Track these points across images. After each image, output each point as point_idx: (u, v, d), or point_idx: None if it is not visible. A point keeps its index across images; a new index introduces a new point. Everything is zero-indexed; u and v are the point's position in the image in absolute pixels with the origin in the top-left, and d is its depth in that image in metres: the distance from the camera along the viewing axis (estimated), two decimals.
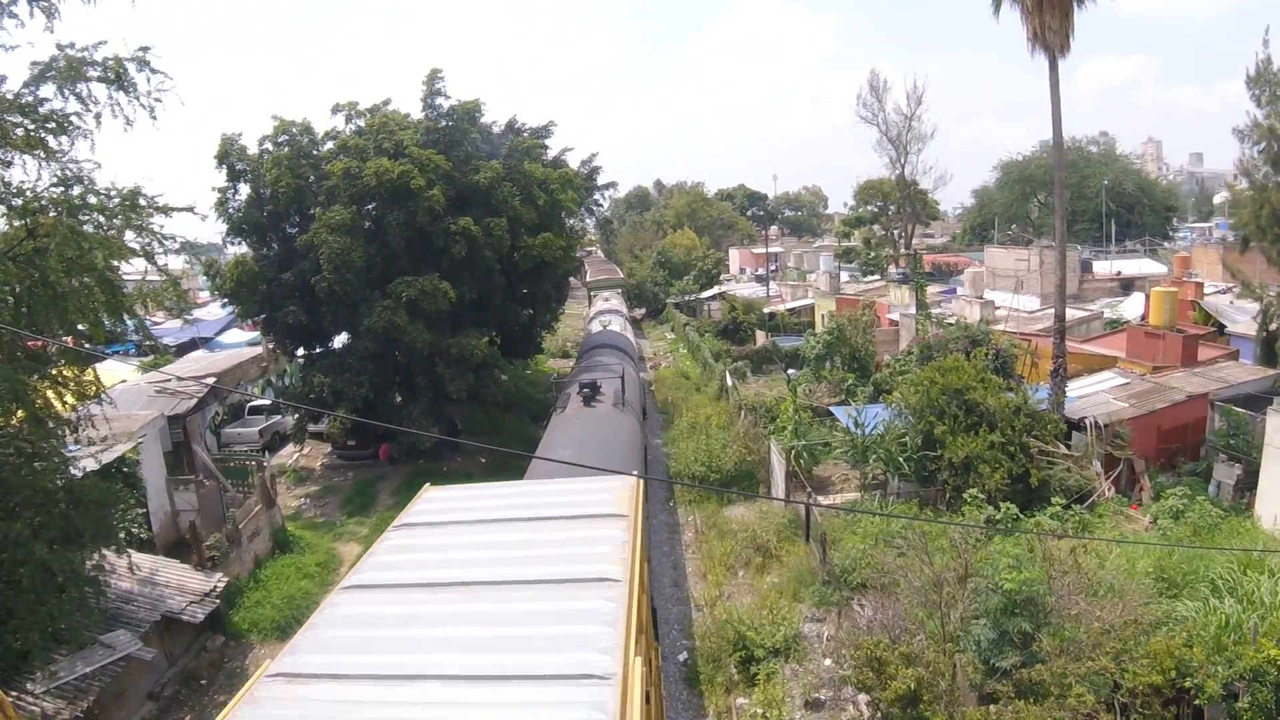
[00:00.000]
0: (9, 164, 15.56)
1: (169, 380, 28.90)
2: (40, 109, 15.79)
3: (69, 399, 16.69)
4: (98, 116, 16.36)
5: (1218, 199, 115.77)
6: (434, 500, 13.86)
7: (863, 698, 16.37)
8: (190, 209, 19.02)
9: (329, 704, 8.13)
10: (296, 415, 37.37)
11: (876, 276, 70.93)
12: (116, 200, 16.74)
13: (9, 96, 15.49)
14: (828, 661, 18.20)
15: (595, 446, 22.75)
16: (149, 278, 18.48)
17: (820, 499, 26.46)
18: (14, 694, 14.97)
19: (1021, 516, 21.37)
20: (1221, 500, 23.17)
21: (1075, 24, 26.69)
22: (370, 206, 34.51)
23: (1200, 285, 45.53)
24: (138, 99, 16.68)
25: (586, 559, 10.65)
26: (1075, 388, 28.80)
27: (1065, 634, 14.37)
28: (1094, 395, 28.24)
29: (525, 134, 40.40)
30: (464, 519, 12.93)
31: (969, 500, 21.26)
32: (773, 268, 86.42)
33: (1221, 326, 38.85)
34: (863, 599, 19.23)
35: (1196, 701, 13.19)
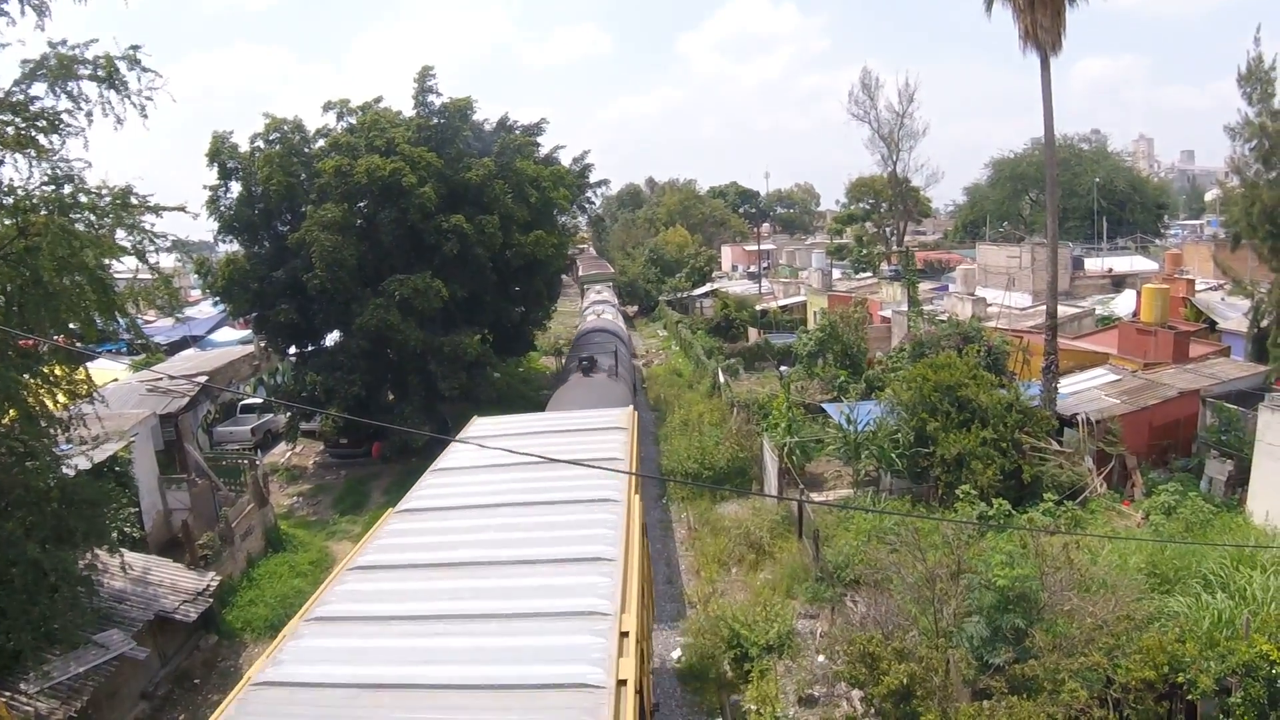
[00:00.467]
0: (0, 162, 15.51)
1: (161, 379, 28.81)
2: (31, 107, 15.74)
3: (60, 398, 16.64)
4: (89, 115, 16.33)
5: (1209, 196, 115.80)
6: (482, 424, 19.28)
7: (856, 693, 16.40)
8: (181, 208, 18.97)
9: (433, 531, 12.60)
10: (289, 414, 37.35)
11: (869, 273, 71.09)
12: (108, 199, 16.69)
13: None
14: (821, 658, 18.23)
15: (594, 403, 27.50)
16: (140, 276, 18.45)
17: (813, 496, 26.52)
18: (7, 694, 14.96)
19: (1014, 513, 21.42)
20: (1213, 496, 23.24)
21: (1067, 22, 26.70)
22: (362, 204, 34.53)
23: (1191, 282, 45.59)
24: (128, 97, 16.64)
25: (601, 449, 16.04)
26: (1067, 384, 28.86)
27: (1058, 630, 14.40)
28: (1086, 392, 28.31)
29: (517, 132, 40.44)
30: (510, 433, 18.06)
31: (961, 496, 21.33)
32: (765, 265, 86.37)
33: (1213, 323, 38.96)
34: (856, 595, 19.28)
35: (1189, 697, 13.23)
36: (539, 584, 10.30)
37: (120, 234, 17.32)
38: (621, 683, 8.28)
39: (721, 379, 40.73)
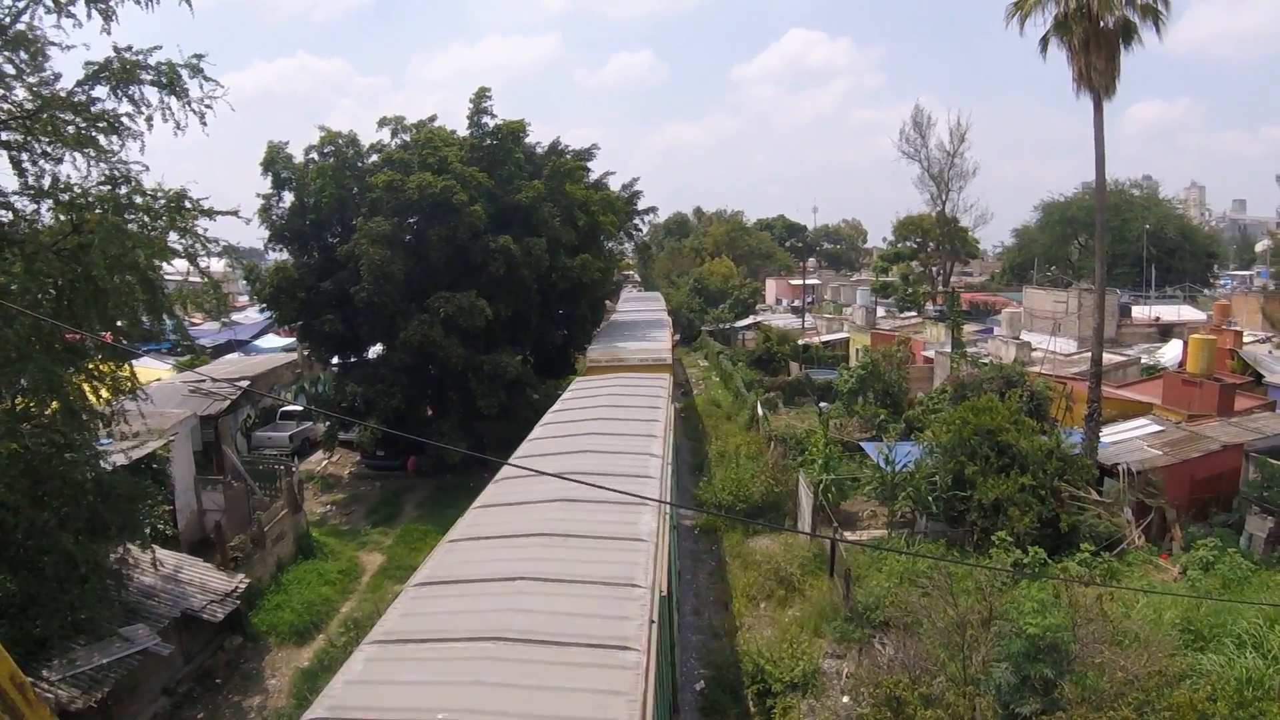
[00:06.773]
0: (59, 160, 15.78)
1: (203, 381, 29.19)
2: (92, 109, 16.04)
3: (104, 393, 16.86)
4: (149, 119, 16.59)
5: (1259, 247, 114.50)
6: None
7: None
8: (235, 212, 19.16)
9: None
10: (327, 422, 37.64)
11: (913, 313, 70.54)
12: (162, 201, 16.93)
13: (62, 94, 15.75)
14: (846, 699, 17.98)
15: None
16: (190, 279, 18.69)
17: (846, 534, 26.25)
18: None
19: (1049, 561, 21.04)
20: (1252, 553, 22.72)
21: (1121, 65, 26.48)
22: (412, 220, 34.90)
23: (1239, 334, 44.93)
24: (189, 104, 16.90)
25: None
26: (1109, 433, 28.46)
27: (1088, 682, 14.13)
28: (1128, 441, 27.88)
29: (568, 156, 40.75)
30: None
31: (997, 543, 20.97)
32: (809, 299, 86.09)
33: (1259, 376, 38.26)
34: (884, 637, 19.02)
35: None
36: None
37: (173, 236, 17.54)
38: None
39: (760, 412, 40.54)
